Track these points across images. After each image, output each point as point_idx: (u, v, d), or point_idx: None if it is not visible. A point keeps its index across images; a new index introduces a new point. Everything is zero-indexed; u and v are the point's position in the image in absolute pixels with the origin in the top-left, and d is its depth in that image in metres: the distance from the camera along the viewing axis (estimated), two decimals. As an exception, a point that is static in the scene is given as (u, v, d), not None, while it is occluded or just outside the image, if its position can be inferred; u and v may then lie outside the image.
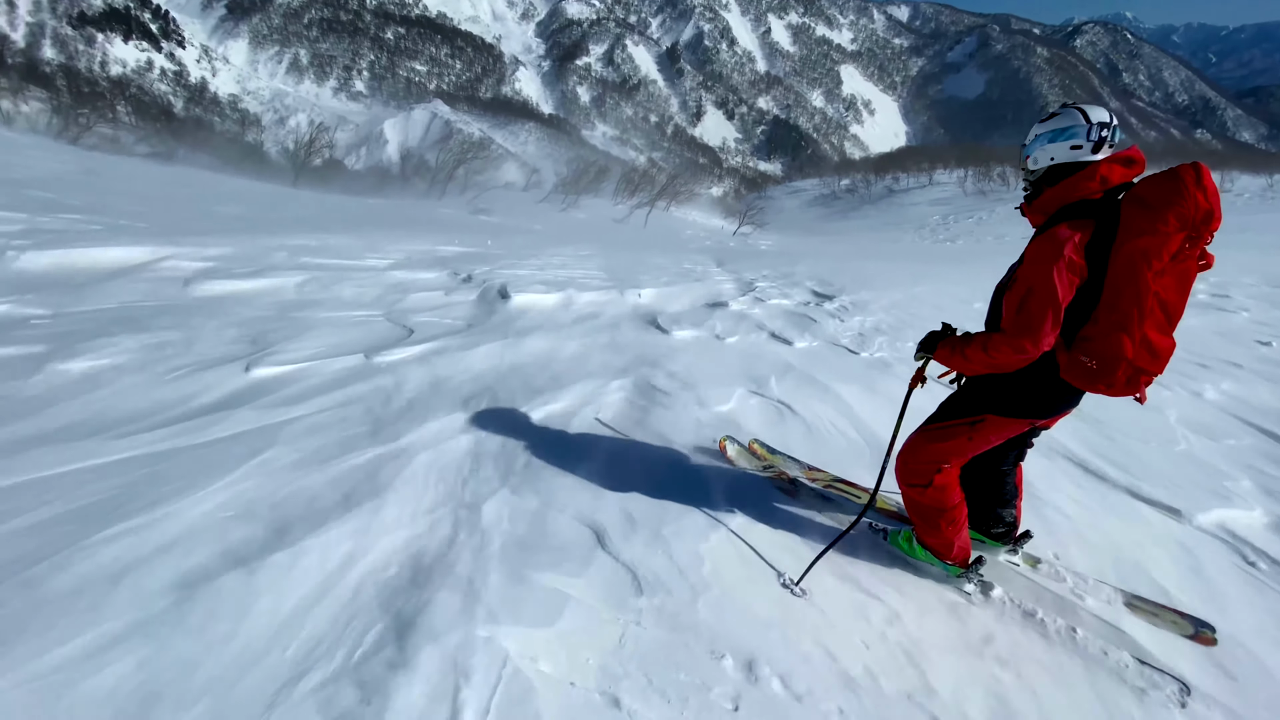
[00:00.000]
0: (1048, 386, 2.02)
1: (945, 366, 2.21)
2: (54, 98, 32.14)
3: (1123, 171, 1.88)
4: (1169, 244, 1.74)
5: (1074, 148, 1.93)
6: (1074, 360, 1.92)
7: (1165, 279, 1.79)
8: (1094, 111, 1.93)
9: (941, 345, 2.19)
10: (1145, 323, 1.79)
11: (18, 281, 4.43)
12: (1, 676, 1.38)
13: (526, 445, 2.89)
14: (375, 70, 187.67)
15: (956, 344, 2.14)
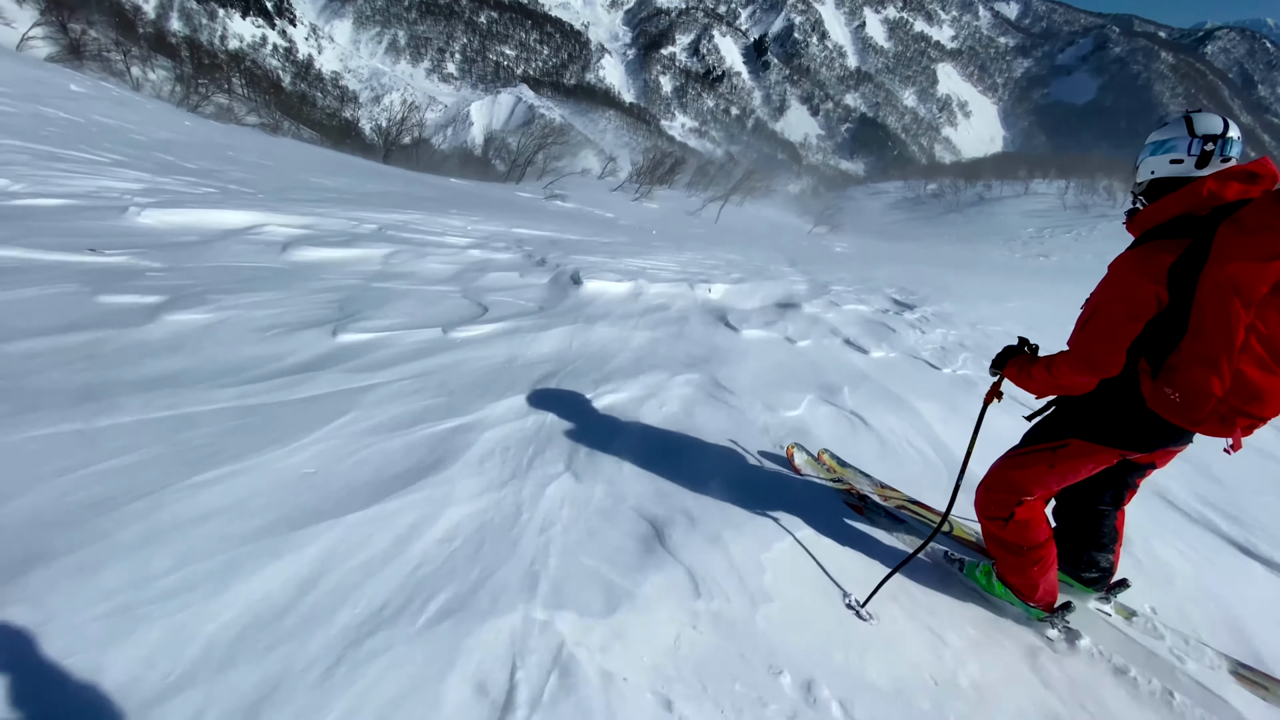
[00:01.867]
0: (1135, 416, 1.83)
1: (1015, 384, 2.06)
2: (178, 67, 34.78)
3: (1241, 188, 1.64)
4: (1267, 273, 1.51)
5: (1174, 162, 1.73)
6: (1158, 390, 1.72)
7: (1268, 312, 1.57)
8: (1202, 121, 1.71)
9: (1011, 362, 2.04)
10: (1238, 358, 1.58)
11: (138, 236, 4.82)
12: (91, 605, 1.49)
13: (590, 432, 2.90)
14: (467, 53, 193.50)
15: (1025, 362, 1.99)
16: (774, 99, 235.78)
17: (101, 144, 9.24)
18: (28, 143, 7.70)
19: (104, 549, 1.65)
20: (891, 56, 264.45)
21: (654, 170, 39.53)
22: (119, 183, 6.58)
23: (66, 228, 4.67)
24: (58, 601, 1.47)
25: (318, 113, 57.38)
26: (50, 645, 1.38)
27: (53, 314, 3.17)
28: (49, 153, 7.43)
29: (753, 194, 42.15)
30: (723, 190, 38.32)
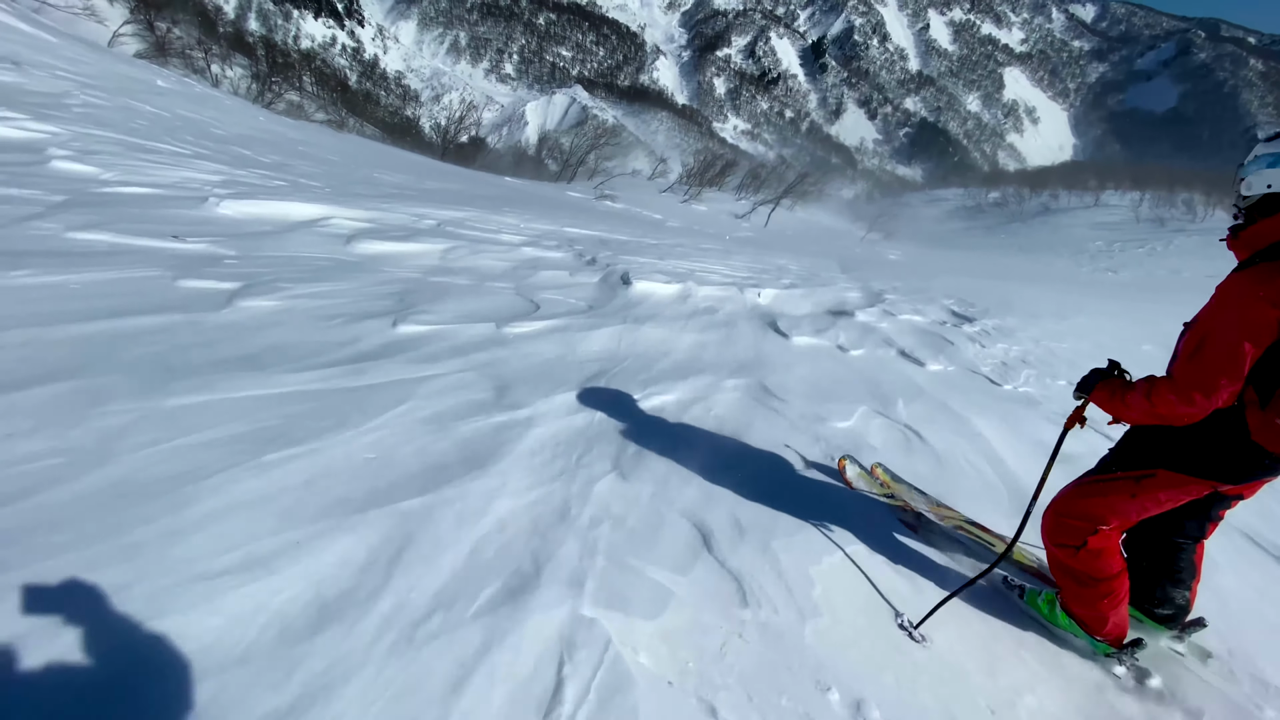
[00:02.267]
0: (1236, 447, 1.70)
1: (1104, 410, 1.94)
2: (254, 66, 36.58)
3: None
4: None
5: None
6: (1268, 422, 1.59)
7: None
8: None
9: (1101, 386, 1.92)
10: None
11: (216, 225, 5.10)
12: (171, 572, 1.58)
13: (638, 432, 2.90)
14: (524, 54, 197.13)
15: (1118, 387, 1.86)
16: (830, 102, 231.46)
17: (184, 137, 9.81)
18: (119, 134, 8.24)
19: (183, 520, 1.75)
20: (955, 60, 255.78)
21: (704, 172, 39.37)
22: (199, 174, 6.97)
23: (152, 215, 4.98)
24: (141, 568, 1.57)
25: (381, 110, 59.49)
26: (133, 609, 1.47)
27: (138, 296, 3.39)
28: (137, 144, 7.94)
29: (804, 198, 41.47)
30: (773, 194, 37.83)
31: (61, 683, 1.28)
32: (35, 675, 1.29)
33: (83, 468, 1.93)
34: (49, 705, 1.24)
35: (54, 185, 5.30)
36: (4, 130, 6.69)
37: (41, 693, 1.26)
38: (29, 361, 2.48)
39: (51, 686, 1.27)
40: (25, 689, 1.25)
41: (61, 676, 1.30)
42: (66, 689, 1.27)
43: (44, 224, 4.22)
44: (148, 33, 29.02)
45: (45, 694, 1.26)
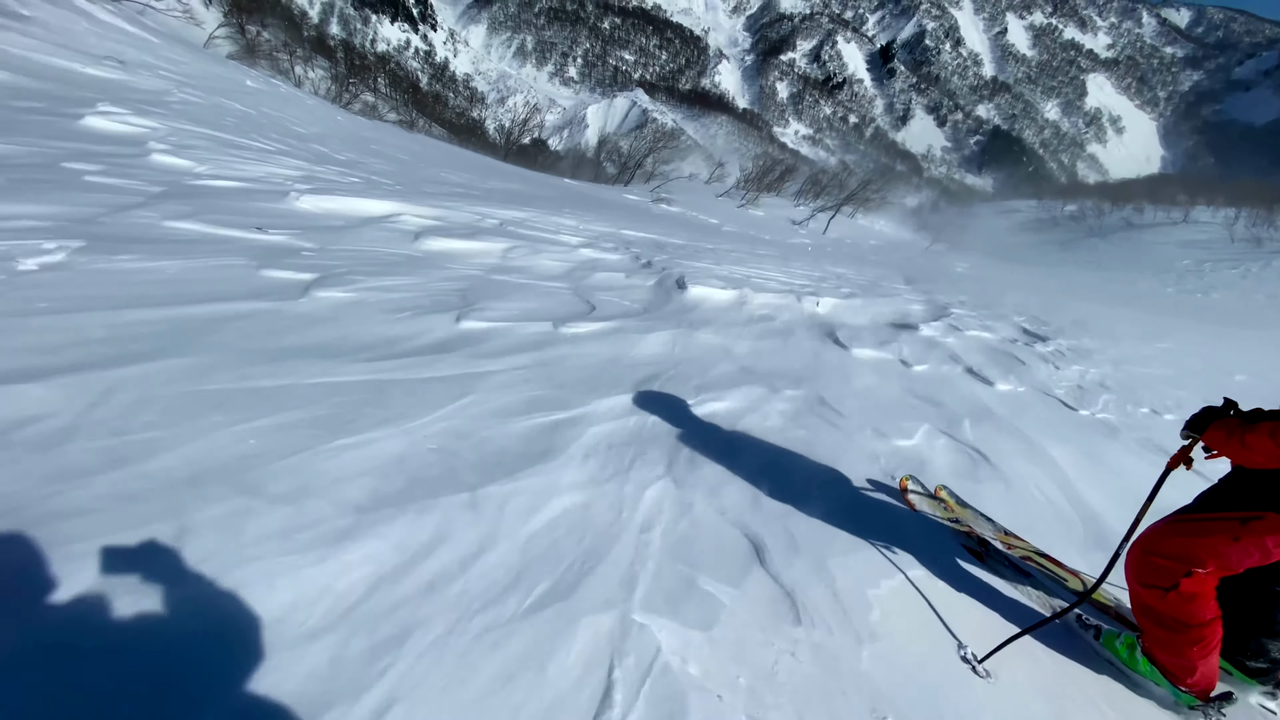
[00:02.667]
0: None
1: (1217, 451, 1.78)
2: (333, 67, 38.46)
3: None
4: None
5: None
6: None
7: None
8: None
9: (1216, 425, 1.75)
10: None
11: (296, 218, 5.37)
12: (245, 548, 1.66)
13: (690, 439, 2.88)
14: (588, 58, 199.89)
15: (1236, 426, 1.70)
16: (897, 108, 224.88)
17: (269, 134, 10.40)
18: (211, 130, 8.80)
19: (259, 498, 1.84)
20: (1034, 65, 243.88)
21: (762, 177, 38.90)
22: (282, 169, 7.37)
23: (239, 207, 5.29)
24: (221, 540, 1.66)
25: (448, 112, 61.55)
26: (212, 579, 1.55)
27: (225, 283, 3.60)
28: (228, 140, 8.46)
29: (866, 205, 40.39)
30: (834, 200, 37.02)
31: (138, 644, 1.37)
32: (114, 636, 1.38)
33: (172, 442, 2.06)
34: (126, 663, 1.32)
35: (153, 177, 5.71)
36: (111, 124, 7.26)
37: (120, 652, 1.34)
38: (130, 340, 2.67)
39: (128, 648, 1.36)
40: (105, 647, 1.34)
41: (139, 638, 1.38)
42: (143, 650, 1.36)
43: (144, 213, 4.55)
44: (239, 36, 30.96)
45: (123, 653, 1.34)
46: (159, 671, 1.32)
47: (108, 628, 1.39)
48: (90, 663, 1.30)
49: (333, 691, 1.35)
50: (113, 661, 1.31)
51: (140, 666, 1.32)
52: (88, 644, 1.34)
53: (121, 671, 1.30)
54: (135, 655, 1.34)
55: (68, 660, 1.30)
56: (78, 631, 1.36)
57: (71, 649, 1.32)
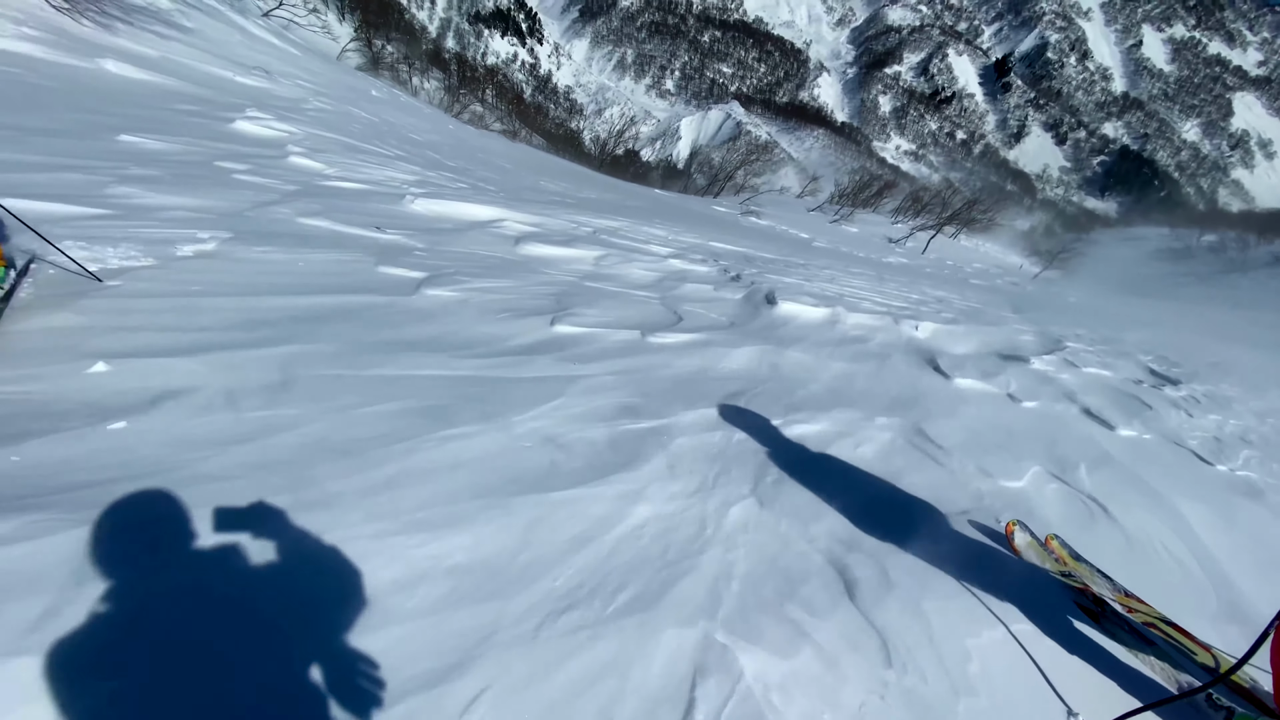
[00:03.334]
0: None
1: None
2: (447, 79, 41.01)
3: None
4: None
5: None
6: None
7: None
8: None
9: None
10: None
11: (410, 220, 5.74)
12: (357, 525, 1.77)
13: (778, 460, 2.81)
14: (686, 71, 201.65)
15: None
16: (1011, 124, 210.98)
17: (389, 140, 11.22)
18: (340, 136, 9.60)
19: (372, 479, 1.97)
20: (1172, 82, 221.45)
21: (859, 192, 37.62)
22: (399, 174, 7.93)
23: (361, 208, 5.73)
24: (338, 516, 1.79)
25: (548, 123, 63.98)
26: (328, 550, 1.68)
27: (348, 276, 3.91)
28: (353, 145, 9.21)
29: (971, 226, 38.11)
30: (935, 219, 35.19)
31: (259, 595, 1.49)
32: (239, 587, 1.51)
33: (295, 421, 2.25)
34: (247, 612, 1.44)
35: (290, 176, 6.30)
36: (257, 128, 8.09)
37: (242, 602, 1.47)
38: (266, 324, 2.95)
39: (250, 599, 1.49)
40: (231, 596, 1.47)
41: (260, 590, 1.51)
42: (262, 602, 1.48)
43: (281, 209, 5.02)
44: (366, 49, 33.72)
45: (245, 603, 1.47)
46: (274, 624, 1.44)
47: (234, 579, 1.53)
48: (219, 607, 1.44)
49: (431, 668, 1.41)
50: (236, 609, 1.45)
51: (258, 616, 1.45)
52: (218, 591, 1.48)
53: (242, 619, 1.43)
54: (255, 606, 1.47)
55: (202, 602, 1.44)
56: (210, 579, 1.51)
57: (205, 592, 1.46)
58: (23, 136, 4.92)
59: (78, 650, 1.26)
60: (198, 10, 15.61)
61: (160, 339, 2.59)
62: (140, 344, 2.50)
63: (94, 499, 1.61)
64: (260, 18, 21.39)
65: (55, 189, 4.01)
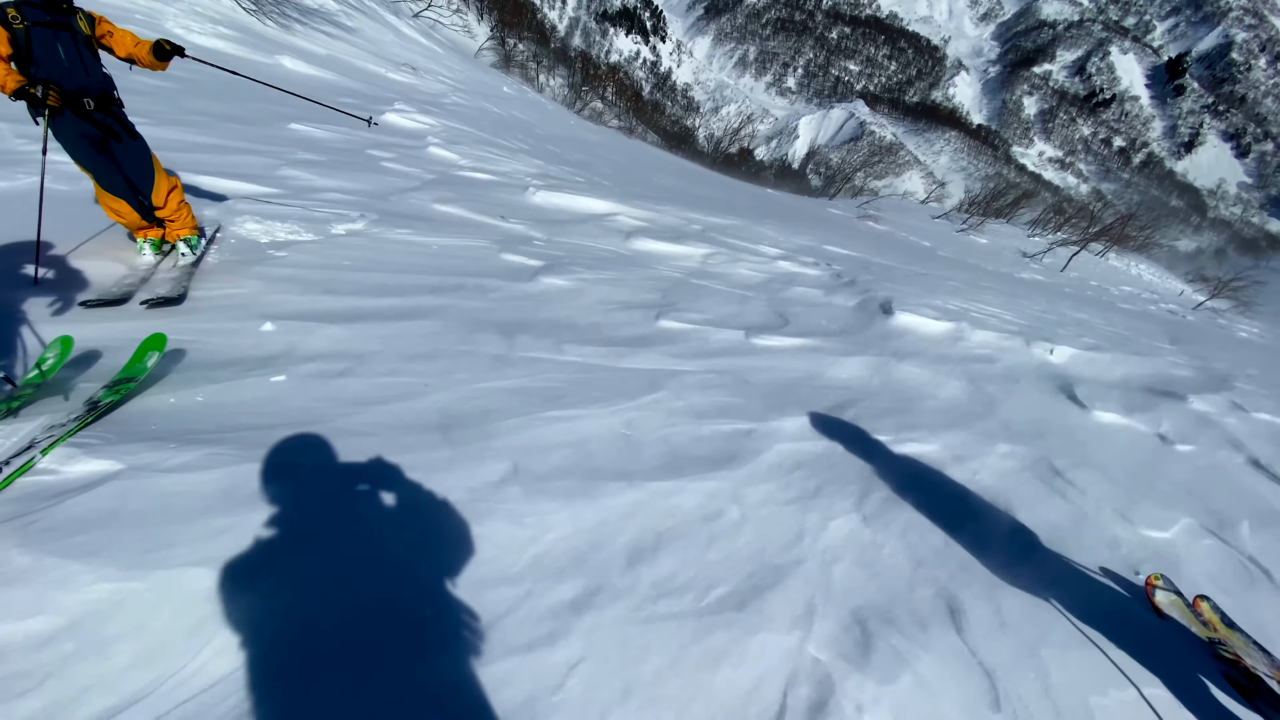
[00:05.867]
0: None
1: None
2: (571, 76, 42.47)
3: None
4: None
5: None
6: None
7: None
8: None
9: None
10: None
11: (531, 211, 6.02)
12: (471, 491, 1.89)
13: (886, 477, 2.67)
14: (810, 68, 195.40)
15: None
16: (1182, 131, 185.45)
17: (516, 134, 11.82)
18: (473, 129, 10.24)
19: (487, 449, 2.11)
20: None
21: (992, 200, 34.71)
22: (523, 166, 8.33)
23: (488, 197, 6.09)
24: (457, 479, 1.92)
25: (664, 120, 64.47)
26: (446, 509, 1.81)
27: (475, 260, 4.17)
28: (485, 138, 9.78)
29: (1123, 244, 34.03)
30: (1080, 234, 31.77)
31: (389, 536, 1.64)
32: (373, 527, 1.66)
33: (424, 389, 2.44)
34: (374, 552, 1.59)
35: (429, 166, 6.81)
36: (403, 120, 8.81)
37: (374, 541, 1.62)
38: (404, 298, 3.23)
39: (378, 538, 1.63)
40: (365, 534, 1.63)
41: (389, 533, 1.66)
42: (390, 545, 1.62)
43: (419, 196, 5.45)
44: (500, 47, 35.64)
45: (375, 542, 1.61)
46: (400, 565, 1.58)
47: (367, 522, 1.69)
48: (354, 545, 1.60)
49: (533, 632, 1.49)
50: (367, 547, 1.60)
51: (386, 559, 1.59)
52: (353, 530, 1.64)
53: (372, 557, 1.58)
54: (384, 548, 1.61)
55: (340, 539, 1.61)
56: (347, 520, 1.67)
57: (343, 530, 1.63)
58: (214, 122, 5.68)
59: (239, 566, 1.46)
60: (359, 11, 17.23)
61: (316, 306, 2.91)
62: (300, 308, 2.82)
63: (259, 439, 1.85)
64: (411, 18, 23.23)
65: (238, 169, 4.59)
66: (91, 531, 1.41)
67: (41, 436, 1.63)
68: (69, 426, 1.67)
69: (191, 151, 4.53)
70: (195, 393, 2.04)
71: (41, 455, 1.56)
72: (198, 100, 6.12)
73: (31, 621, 1.24)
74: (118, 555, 1.38)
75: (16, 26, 2.53)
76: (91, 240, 3.04)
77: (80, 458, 1.59)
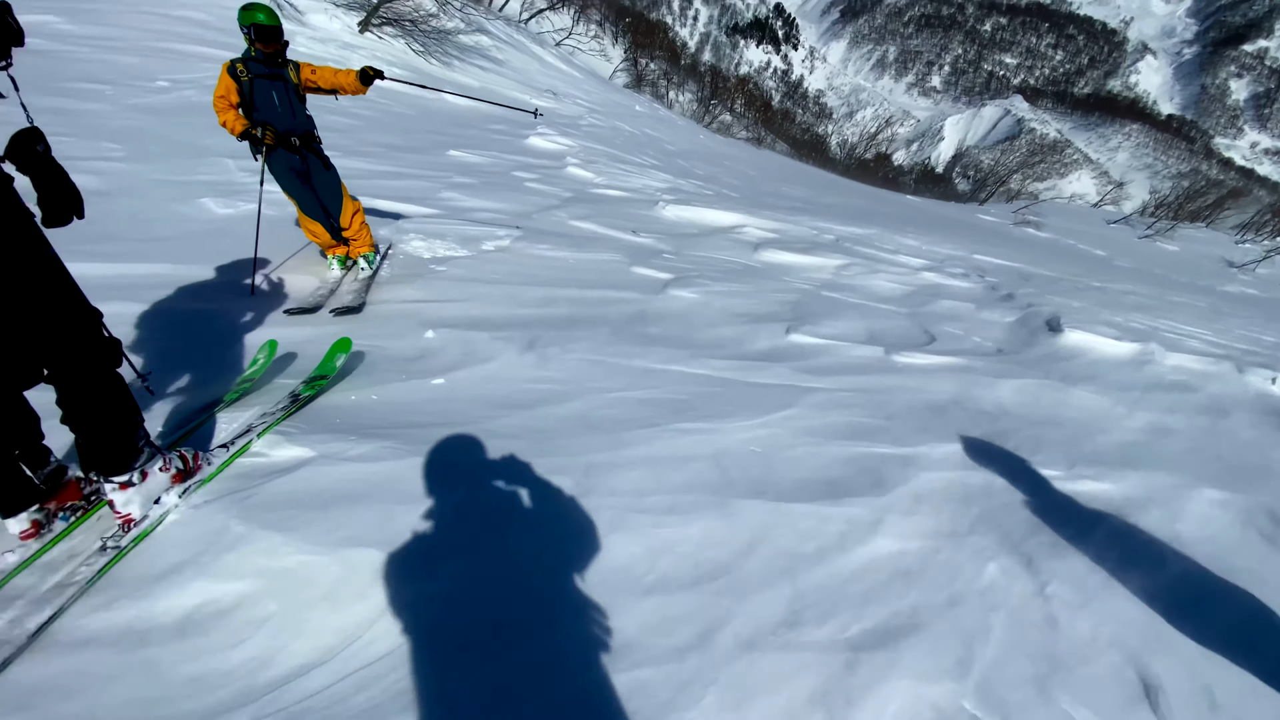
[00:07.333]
0: None
1: None
2: (700, 90, 42.91)
3: None
4: None
5: None
6: None
7: None
8: None
9: None
10: None
11: (660, 225, 6.12)
12: (604, 498, 1.93)
13: (1055, 518, 2.36)
14: (958, 65, 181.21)
15: None
16: None
17: (647, 151, 12.14)
18: (607, 148, 10.66)
19: (620, 458, 2.15)
20: None
21: (1186, 201, 29.81)
22: (653, 181, 8.52)
23: (621, 212, 6.30)
24: (592, 484, 1.98)
25: (794, 128, 63.02)
26: (581, 514, 1.87)
27: (608, 274, 4.32)
28: (617, 156, 10.15)
29: (1371, 252, 27.62)
30: (1308, 240, 26.26)
31: (539, 524, 1.72)
32: (513, 521, 1.75)
33: (563, 396, 2.55)
34: (523, 540, 1.67)
35: (567, 185, 7.19)
36: (544, 143, 9.40)
37: (524, 530, 1.70)
38: (545, 309, 3.42)
39: (523, 529, 1.71)
40: (522, 520, 1.72)
41: (532, 524, 1.74)
42: (529, 536, 1.70)
43: (558, 213, 5.76)
44: (633, 68, 36.93)
45: (516, 532, 1.69)
46: (532, 568, 1.65)
47: (512, 520, 1.79)
48: (496, 545, 1.69)
49: (663, 646, 1.49)
50: (507, 546, 1.69)
51: (523, 560, 1.66)
52: (497, 530, 1.74)
53: (511, 556, 1.66)
54: (520, 548, 1.70)
55: (492, 522, 1.71)
56: (495, 518, 1.78)
57: (492, 528, 1.73)
58: (388, 152, 6.42)
59: (403, 552, 1.60)
60: (509, 45, 18.72)
61: (468, 315, 3.16)
62: (455, 317, 3.09)
63: (422, 436, 2.03)
64: (554, 46, 24.83)
65: (406, 192, 5.15)
66: (290, 509, 1.63)
67: (257, 423, 1.92)
68: (276, 415, 1.95)
69: (370, 178, 5.16)
70: (370, 391, 2.30)
71: (257, 438, 1.84)
72: (376, 134, 6.96)
73: (244, 582, 1.45)
74: (309, 531, 1.58)
75: (243, 80, 3.03)
76: (293, 257, 3.55)
77: (283, 444, 1.85)
